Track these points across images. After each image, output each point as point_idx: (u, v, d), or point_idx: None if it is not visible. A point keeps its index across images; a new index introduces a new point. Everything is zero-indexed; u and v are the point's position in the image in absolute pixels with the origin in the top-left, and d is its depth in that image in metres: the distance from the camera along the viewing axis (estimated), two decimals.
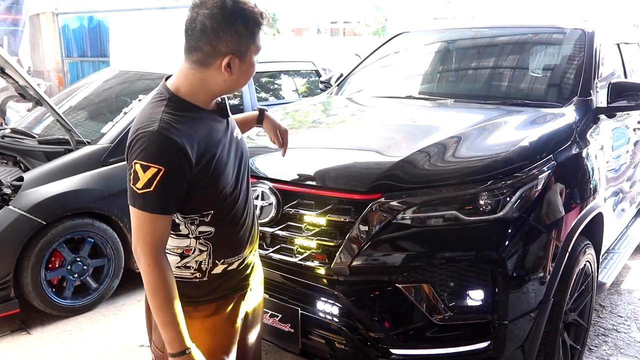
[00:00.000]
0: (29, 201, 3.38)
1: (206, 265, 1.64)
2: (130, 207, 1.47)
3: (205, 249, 1.62)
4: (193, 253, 1.62)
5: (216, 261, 1.64)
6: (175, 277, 1.61)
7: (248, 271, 1.77)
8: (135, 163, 1.42)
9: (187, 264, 1.63)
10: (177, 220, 1.58)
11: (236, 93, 4.85)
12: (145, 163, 1.41)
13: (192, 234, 1.60)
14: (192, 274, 1.64)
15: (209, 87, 1.53)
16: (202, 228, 1.59)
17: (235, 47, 1.47)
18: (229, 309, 1.72)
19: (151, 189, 1.41)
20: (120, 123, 3.95)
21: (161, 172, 1.41)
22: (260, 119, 2.04)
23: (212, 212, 1.58)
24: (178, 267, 1.63)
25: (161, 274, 1.48)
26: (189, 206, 1.54)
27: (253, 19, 1.48)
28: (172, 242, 1.61)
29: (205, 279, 1.64)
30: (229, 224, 1.63)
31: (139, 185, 1.42)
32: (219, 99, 1.62)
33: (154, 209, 1.44)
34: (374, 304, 2.17)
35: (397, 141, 2.58)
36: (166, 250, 1.60)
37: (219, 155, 1.55)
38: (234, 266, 1.69)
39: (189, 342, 1.51)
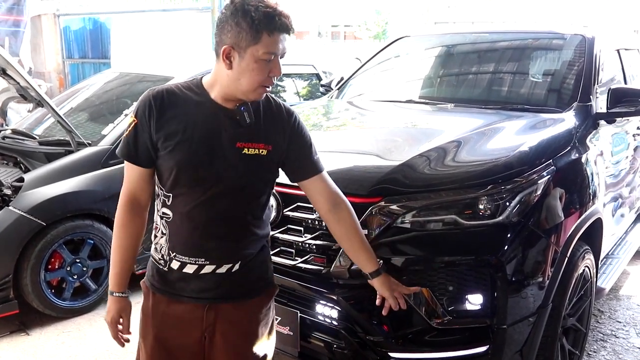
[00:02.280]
0: (29, 202, 3.39)
1: (166, 254, 1.67)
2: None
3: (165, 232, 1.67)
4: (159, 233, 1.69)
5: (171, 252, 1.66)
6: (152, 258, 1.73)
7: (210, 286, 1.67)
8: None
9: (156, 246, 1.71)
10: (157, 191, 1.69)
11: None
12: (131, 114, 1.64)
13: (159, 212, 1.68)
14: (159, 259, 1.71)
15: (220, 79, 1.59)
16: (165, 210, 1.65)
17: (234, 39, 1.52)
18: (182, 312, 1.69)
19: (125, 135, 1.63)
20: (121, 125, 3.95)
21: (134, 123, 1.61)
22: (375, 275, 1.92)
23: (171, 195, 1.63)
24: (154, 247, 1.72)
25: (120, 219, 1.67)
26: (158, 177, 1.66)
27: (258, 18, 1.49)
28: (155, 215, 1.73)
29: (166, 268, 1.69)
30: (184, 218, 1.62)
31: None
32: (241, 107, 1.62)
33: (120, 152, 1.64)
34: (373, 307, 2.16)
35: (397, 145, 2.59)
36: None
37: (192, 142, 1.57)
38: (189, 270, 1.65)
39: (118, 288, 1.71)
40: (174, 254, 1.66)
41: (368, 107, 3.50)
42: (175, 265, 1.67)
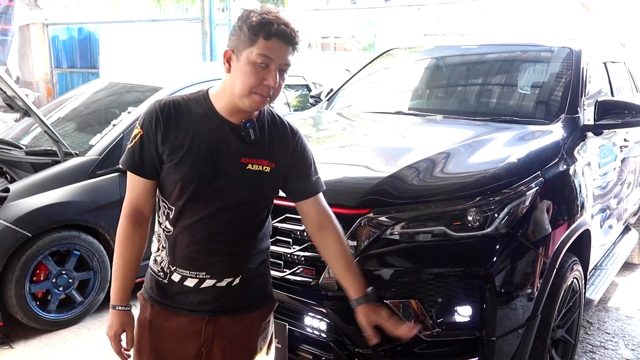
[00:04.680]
0: (15, 213, 3.35)
1: (167, 267, 1.66)
2: None
3: (166, 245, 1.65)
4: (160, 245, 1.67)
5: (171, 266, 1.65)
6: (150, 269, 1.72)
7: (210, 299, 1.67)
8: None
9: (156, 258, 1.69)
10: (159, 203, 1.66)
11: None
12: (137, 124, 1.61)
13: (162, 225, 1.66)
14: (159, 271, 1.69)
15: (224, 88, 1.60)
16: (167, 223, 1.64)
17: (234, 43, 1.55)
18: (181, 325, 1.68)
19: (130, 145, 1.60)
20: (109, 135, 3.92)
21: (139, 134, 1.59)
22: (358, 302, 1.78)
23: (174, 208, 1.61)
24: (154, 258, 1.70)
25: (123, 231, 1.64)
26: (161, 189, 1.64)
27: (257, 22, 1.51)
28: (155, 226, 1.72)
29: (166, 281, 1.67)
30: (185, 233, 1.61)
31: (129, 143, 1.61)
32: (247, 123, 1.60)
33: (124, 163, 1.62)
34: None
35: (386, 156, 2.59)
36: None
37: (196, 156, 1.56)
38: (189, 283, 1.65)
39: (121, 302, 1.67)
40: (175, 267, 1.65)
41: (357, 118, 3.51)
42: (176, 277, 1.66)
